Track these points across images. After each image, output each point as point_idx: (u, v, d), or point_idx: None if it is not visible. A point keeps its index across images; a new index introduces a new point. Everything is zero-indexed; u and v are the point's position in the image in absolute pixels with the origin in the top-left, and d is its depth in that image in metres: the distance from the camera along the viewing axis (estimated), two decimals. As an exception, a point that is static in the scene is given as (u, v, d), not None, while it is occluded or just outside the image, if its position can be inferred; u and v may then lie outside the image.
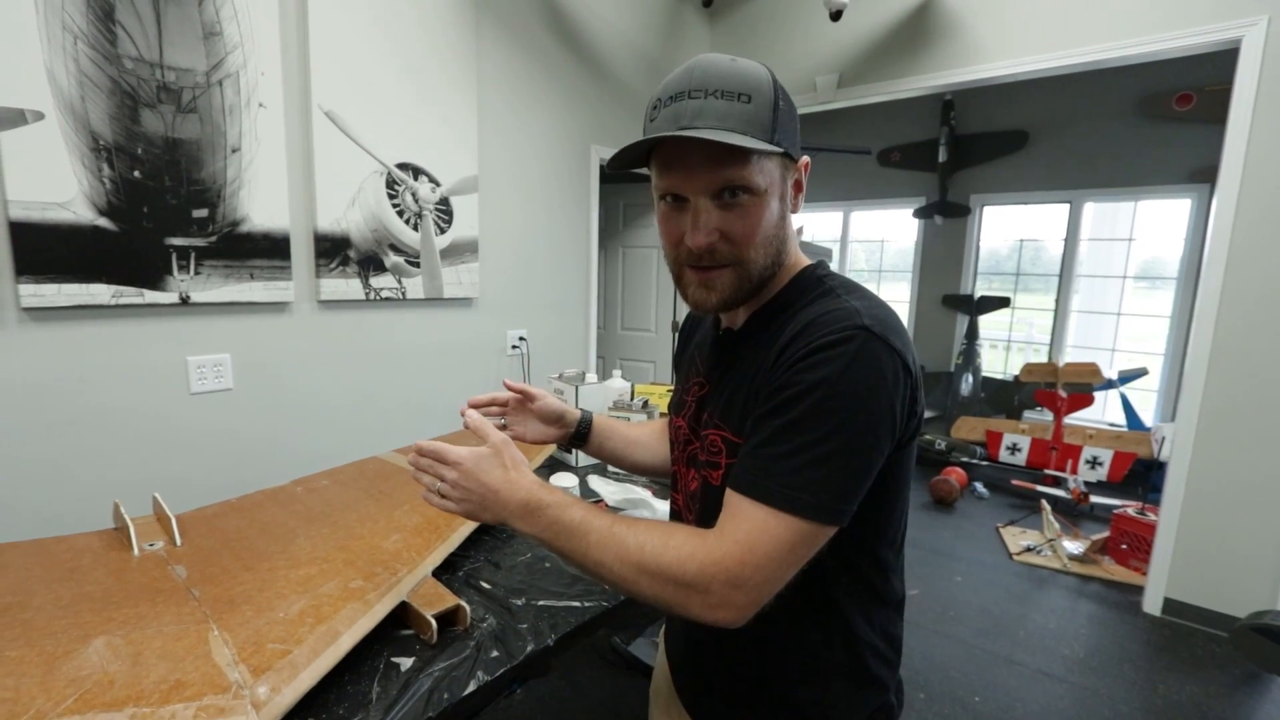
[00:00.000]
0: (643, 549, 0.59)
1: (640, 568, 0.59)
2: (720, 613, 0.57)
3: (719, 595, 0.57)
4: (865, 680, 0.71)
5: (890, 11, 2.98)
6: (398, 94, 2.15)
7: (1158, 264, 4.49)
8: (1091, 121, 4.34)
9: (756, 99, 0.60)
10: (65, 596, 0.83)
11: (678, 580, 0.57)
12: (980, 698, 2.03)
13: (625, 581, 0.60)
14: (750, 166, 0.60)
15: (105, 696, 0.66)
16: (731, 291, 0.65)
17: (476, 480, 0.67)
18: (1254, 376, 2.27)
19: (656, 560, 0.58)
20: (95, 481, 1.61)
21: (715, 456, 0.69)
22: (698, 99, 0.59)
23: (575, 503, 0.65)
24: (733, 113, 0.59)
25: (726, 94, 0.59)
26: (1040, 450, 3.89)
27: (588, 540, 0.62)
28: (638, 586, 0.60)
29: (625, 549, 0.60)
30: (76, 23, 1.49)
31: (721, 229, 0.62)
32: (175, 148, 1.67)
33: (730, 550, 0.57)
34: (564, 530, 0.63)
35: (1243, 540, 2.33)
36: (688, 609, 0.58)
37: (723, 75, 0.60)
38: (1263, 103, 2.20)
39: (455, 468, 0.68)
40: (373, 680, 0.83)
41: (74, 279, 1.54)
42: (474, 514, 0.69)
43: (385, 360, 2.27)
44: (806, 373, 0.57)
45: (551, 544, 0.64)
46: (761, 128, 0.59)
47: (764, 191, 0.62)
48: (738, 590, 0.56)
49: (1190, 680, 2.13)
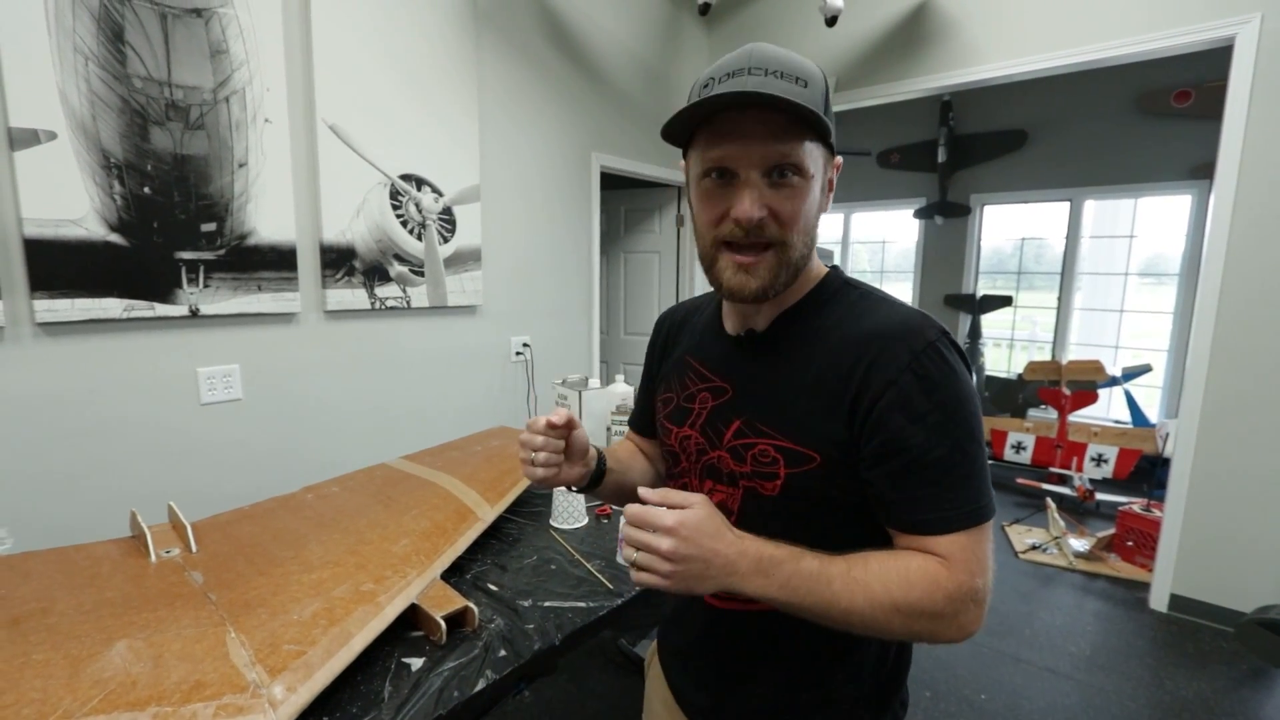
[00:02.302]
0: (889, 589, 0.57)
1: (893, 608, 0.57)
2: (970, 629, 0.59)
3: (969, 616, 0.58)
4: (894, 677, 0.73)
5: (885, 15, 3.01)
6: (400, 106, 2.18)
7: (1160, 260, 4.50)
8: (1090, 119, 4.36)
9: (812, 86, 0.60)
10: (87, 602, 0.86)
11: (931, 614, 0.57)
12: (987, 695, 2.04)
13: (876, 624, 0.58)
14: (804, 146, 0.61)
15: (129, 696, 0.69)
16: (772, 277, 0.64)
17: (699, 545, 0.56)
18: (1255, 371, 2.28)
19: (906, 598, 0.57)
20: (109, 492, 1.65)
21: (769, 467, 0.66)
22: (758, 75, 0.59)
23: (804, 552, 0.59)
24: (793, 93, 0.58)
25: (786, 75, 0.59)
26: (1045, 448, 3.89)
27: (832, 588, 0.57)
28: (890, 626, 0.58)
29: (871, 591, 0.57)
30: (87, 44, 1.53)
31: (771, 206, 0.61)
32: (184, 164, 1.70)
33: (964, 579, 0.57)
34: (804, 582, 0.57)
35: (1248, 535, 2.33)
36: (938, 636, 0.59)
37: (782, 60, 0.60)
38: (1257, 99, 2.21)
39: (672, 534, 0.55)
40: (384, 680, 0.86)
41: (87, 294, 1.57)
42: (690, 587, 0.57)
43: (391, 368, 2.30)
44: (936, 391, 0.59)
45: (790, 600, 0.58)
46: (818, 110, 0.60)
47: (812, 176, 0.62)
48: (980, 605, 0.59)
49: (1197, 676, 2.14)
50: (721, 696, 0.76)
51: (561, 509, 1.45)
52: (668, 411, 0.79)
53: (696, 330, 0.81)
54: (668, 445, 0.79)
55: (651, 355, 0.90)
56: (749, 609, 0.70)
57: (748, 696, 0.73)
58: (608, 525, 1.46)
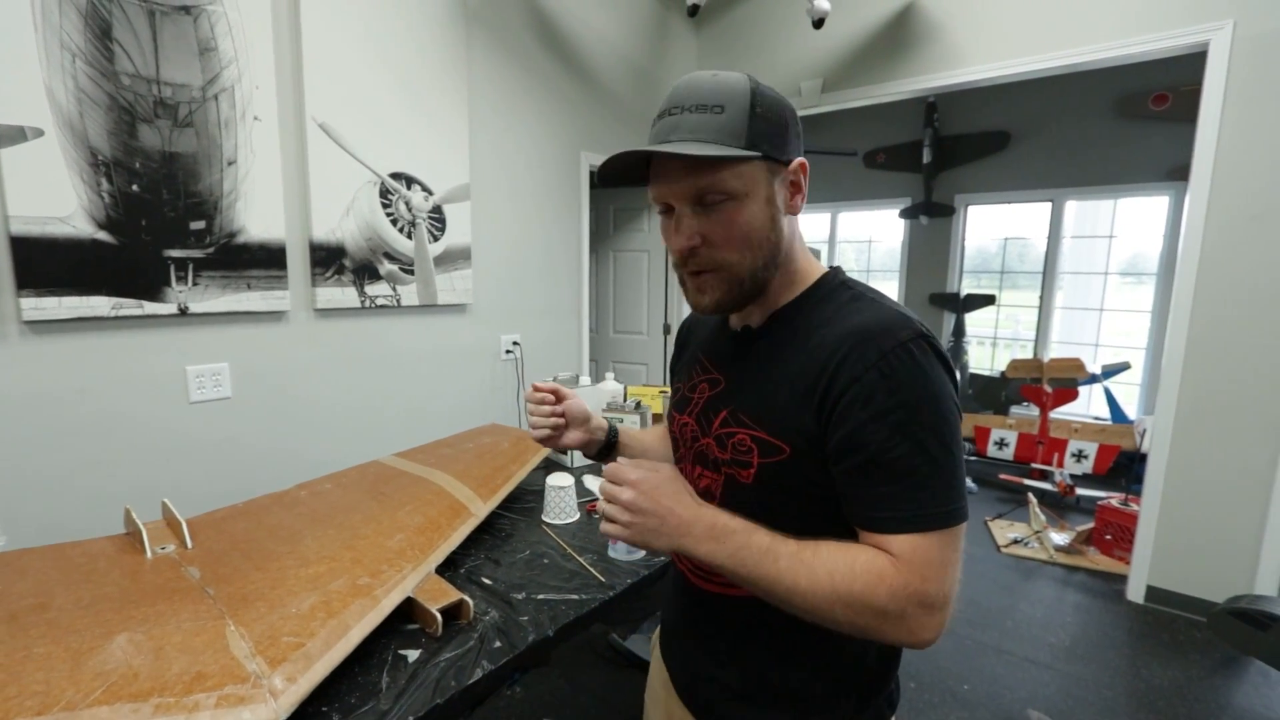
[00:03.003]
0: (832, 575, 0.58)
1: (835, 595, 0.58)
2: (921, 635, 0.58)
3: (915, 620, 0.57)
4: (878, 675, 0.74)
5: (871, 18, 3.05)
6: (390, 105, 2.19)
7: (1139, 260, 4.59)
8: (1071, 121, 4.44)
9: (730, 108, 0.62)
10: (85, 597, 0.87)
11: (874, 608, 0.57)
12: (969, 686, 2.09)
13: (818, 609, 0.59)
14: (723, 172, 0.62)
15: (131, 688, 0.70)
16: (723, 294, 0.67)
17: (656, 503, 0.62)
18: (1228, 369, 2.35)
19: (849, 588, 0.57)
20: (100, 490, 1.64)
21: (745, 456, 0.68)
22: (676, 114, 0.64)
23: (758, 528, 0.62)
24: (705, 124, 0.62)
25: (700, 107, 0.63)
26: (1027, 444, 3.96)
27: (778, 565, 0.59)
28: (832, 613, 0.58)
29: (815, 575, 0.58)
30: (75, 41, 1.52)
31: (702, 233, 0.65)
32: (172, 161, 1.70)
33: (911, 580, 0.57)
34: (753, 555, 0.60)
35: (1220, 529, 2.40)
36: (884, 634, 0.58)
37: (699, 90, 0.64)
38: (1230, 103, 2.27)
39: (634, 487, 0.63)
40: (382, 671, 0.87)
41: (74, 292, 1.57)
42: (646, 540, 0.63)
43: (381, 367, 2.31)
44: (901, 391, 0.59)
45: (738, 570, 0.60)
46: (734, 135, 0.62)
47: (743, 195, 0.63)
48: (931, 611, 0.58)
49: (1172, 665, 2.20)
50: (698, 677, 0.78)
51: (553, 504, 1.47)
52: (675, 400, 0.84)
53: (708, 327, 0.85)
54: (672, 432, 0.84)
55: (675, 352, 0.96)
56: (728, 592, 0.73)
57: (727, 679, 0.75)
58: (598, 520, 1.48)
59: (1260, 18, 2.20)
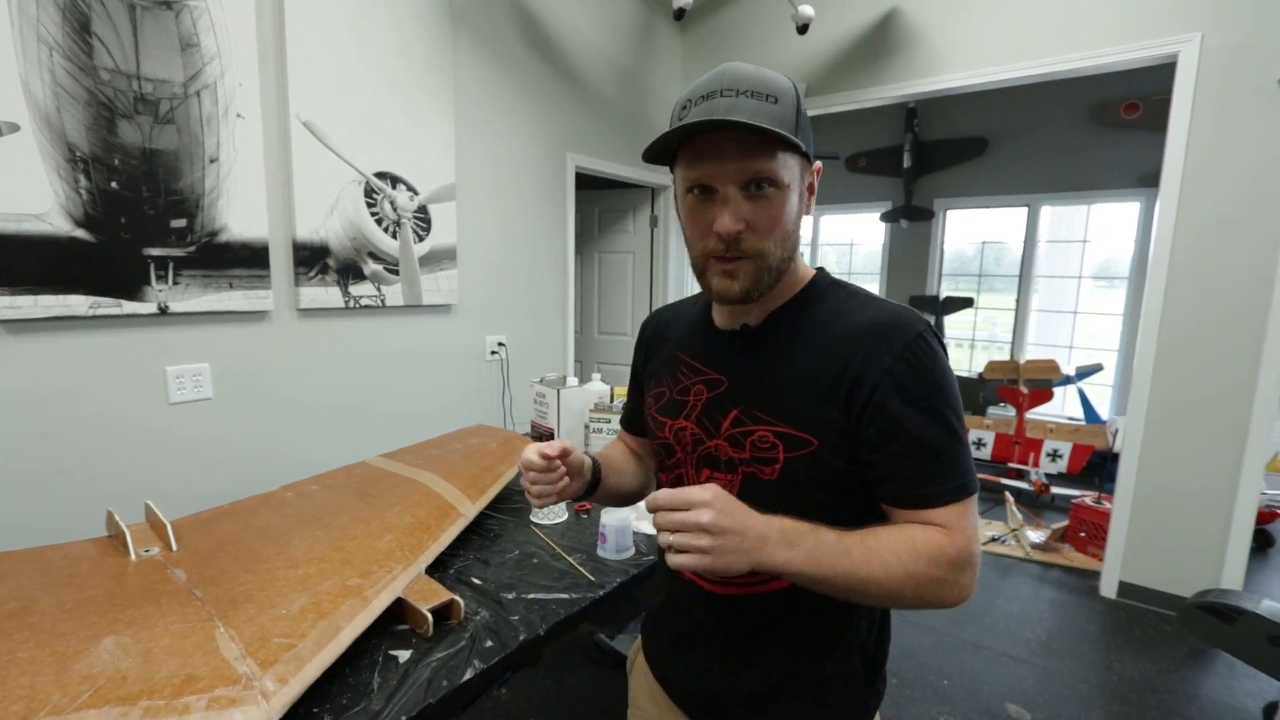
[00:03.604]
0: (899, 557, 0.61)
1: (904, 576, 0.60)
2: (965, 593, 0.64)
3: (966, 578, 0.63)
4: (879, 653, 0.77)
5: (855, 24, 3.10)
6: (375, 104, 2.17)
7: (1111, 264, 4.71)
8: (1047, 128, 4.54)
9: (783, 101, 0.64)
10: (68, 601, 0.85)
11: (938, 579, 0.61)
12: (949, 681, 2.13)
13: (889, 593, 0.61)
14: (776, 160, 0.64)
15: (119, 691, 0.69)
16: (753, 282, 0.68)
17: (734, 518, 0.57)
18: (1197, 373, 2.42)
19: (915, 566, 0.61)
20: (79, 492, 1.61)
21: (768, 452, 0.69)
22: (729, 97, 0.63)
23: (820, 526, 0.62)
24: (763, 110, 0.62)
25: (756, 94, 0.63)
26: (1004, 444, 4.04)
27: (850, 558, 0.60)
28: (902, 593, 0.61)
29: (885, 560, 0.60)
30: (52, 34, 1.49)
31: (748, 219, 0.65)
32: (153, 158, 1.67)
33: (964, 544, 0.62)
34: (827, 553, 0.60)
35: (1189, 525, 2.48)
36: (943, 599, 0.63)
37: (751, 78, 0.64)
38: (1198, 112, 2.35)
39: (708, 508, 0.56)
40: (373, 672, 0.87)
41: (51, 290, 1.54)
42: (729, 563, 0.56)
43: (366, 367, 2.29)
44: (928, 378, 0.65)
45: (814, 571, 0.59)
46: (788, 126, 0.63)
47: (787, 186, 0.65)
48: (974, 569, 0.64)
49: (1143, 658, 2.26)
50: (718, 683, 0.77)
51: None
52: (660, 405, 0.81)
53: (685, 328, 0.84)
54: (661, 438, 0.81)
55: (638, 355, 0.93)
56: (745, 592, 0.73)
57: (745, 681, 0.75)
58: (586, 520, 1.49)
59: (1226, 31, 2.27)
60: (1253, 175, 2.27)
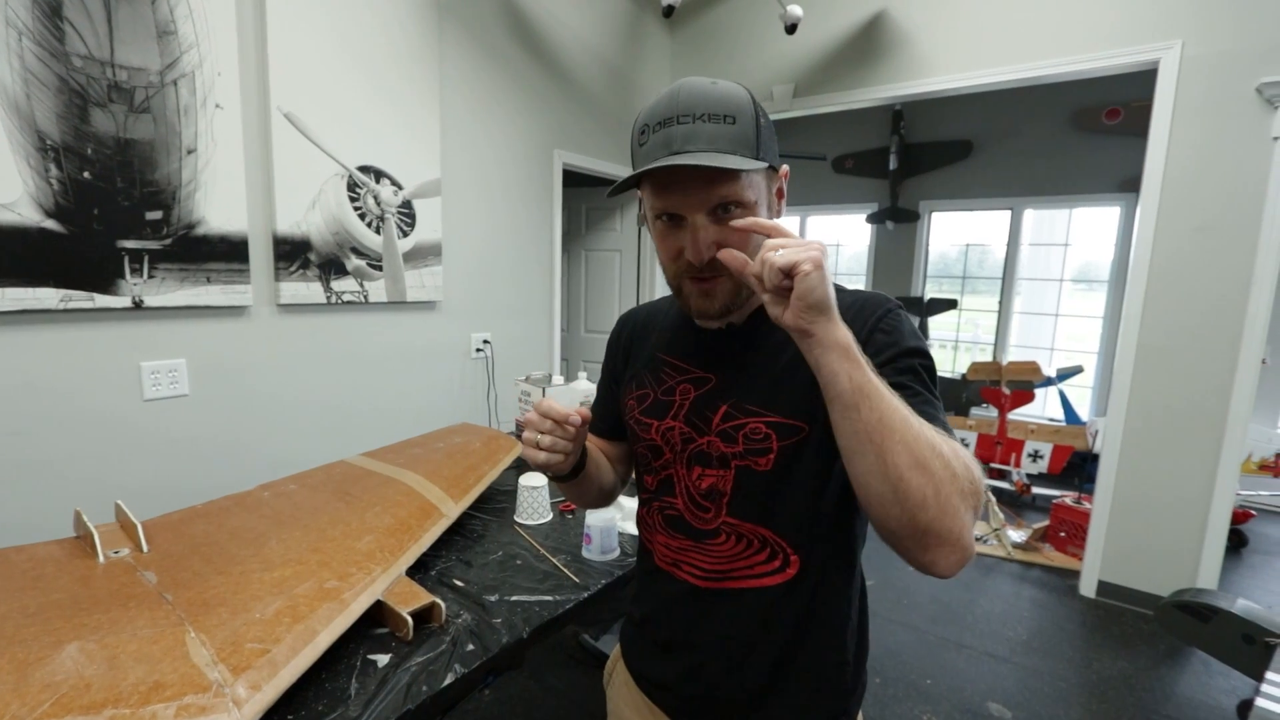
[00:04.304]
0: (933, 430, 0.55)
1: (936, 447, 0.54)
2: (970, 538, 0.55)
3: (969, 526, 0.55)
4: (862, 643, 0.78)
5: (843, 26, 3.10)
6: (359, 96, 2.13)
7: (1091, 267, 4.78)
8: (1030, 132, 4.59)
9: (741, 119, 0.63)
10: (31, 605, 0.82)
11: (965, 480, 0.54)
12: (931, 680, 2.14)
13: (927, 464, 0.53)
14: (740, 183, 0.64)
15: (83, 700, 0.66)
16: (731, 297, 0.69)
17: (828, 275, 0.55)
18: (1175, 375, 2.46)
19: (953, 452, 0.55)
20: (46, 491, 1.56)
21: (761, 443, 0.69)
22: (686, 123, 0.63)
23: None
24: (721, 134, 0.62)
25: (713, 116, 0.62)
26: (986, 445, 4.08)
27: (893, 399, 0.55)
28: (936, 473, 0.53)
29: (923, 423, 0.55)
30: (21, 18, 1.44)
31: (718, 241, 0.65)
32: (128, 148, 1.63)
33: (979, 478, 0.56)
34: (871, 369, 0.55)
35: (1167, 525, 2.52)
36: (954, 523, 0.54)
37: (708, 99, 0.63)
38: (1178, 118, 2.38)
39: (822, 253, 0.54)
40: (350, 677, 0.85)
41: (19, 282, 1.49)
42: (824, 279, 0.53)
43: (348, 364, 2.25)
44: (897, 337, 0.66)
45: (866, 371, 0.55)
46: (747, 145, 0.63)
47: (754, 204, 0.66)
48: (971, 527, 0.55)
49: (1121, 656, 2.29)
50: (717, 682, 0.76)
51: (526, 505, 1.45)
52: (644, 408, 0.80)
53: (665, 329, 0.83)
54: (647, 439, 0.79)
55: (613, 358, 0.91)
56: (747, 585, 0.72)
57: (744, 676, 0.74)
58: (571, 520, 1.47)
59: (1205, 40, 2.31)
60: (1232, 181, 2.31)
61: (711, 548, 0.74)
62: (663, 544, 0.79)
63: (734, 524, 0.72)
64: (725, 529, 0.72)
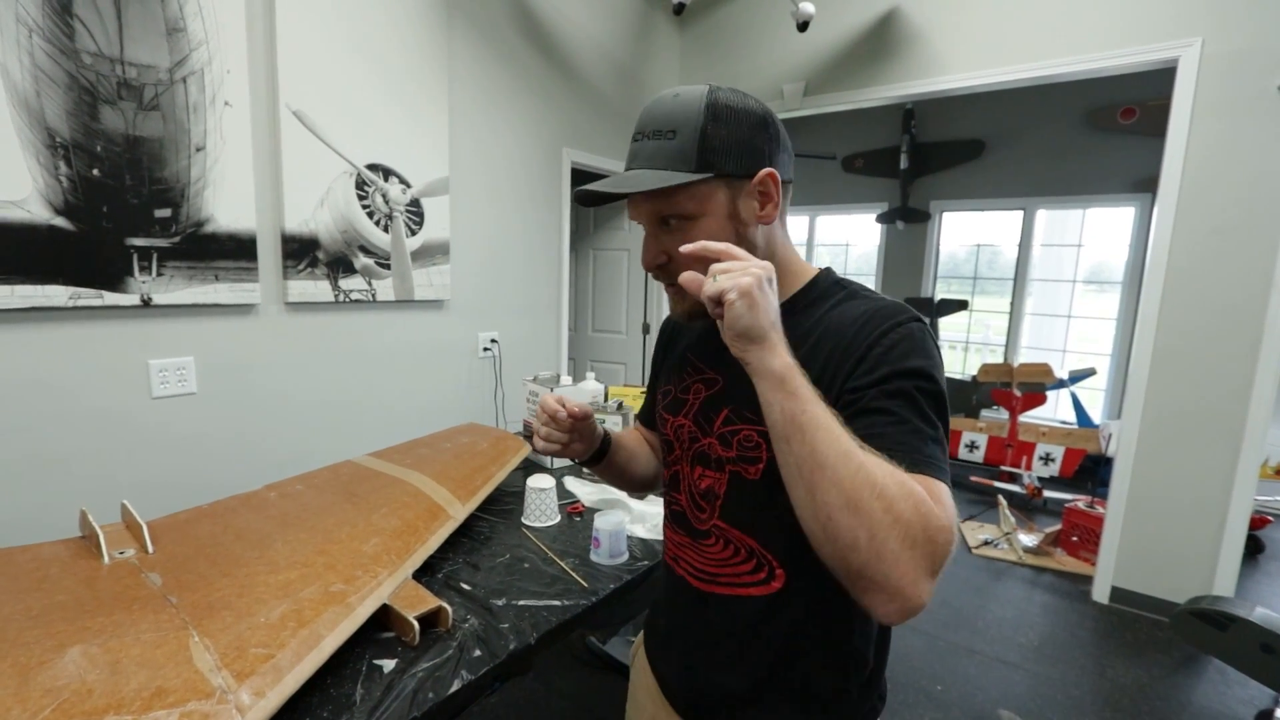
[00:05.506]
0: (880, 466, 0.52)
1: (880, 483, 0.51)
2: (918, 590, 0.51)
3: (922, 567, 0.50)
4: (875, 671, 0.75)
5: (855, 23, 3.07)
6: (367, 94, 2.12)
7: (1104, 268, 4.72)
8: (1044, 132, 4.54)
9: (681, 132, 0.64)
10: (35, 607, 0.81)
11: (906, 524, 0.50)
12: (942, 686, 2.11)
13: (857, 493, 0.51)
14: (677, 197, 0.65)
15: (84, 705, 0.65)
16: (694, 304, 0.66)
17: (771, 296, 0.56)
18: (1192, 378, 2.42)
19: (896, 489, 0.51)
20: (54, 490, 1.56)
21: (752, 451, 0.68)
22: (638, 141, 0.67)
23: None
24: (660, 151, 0.65)
25: (656, 133, 0.65)
26: (997, 447, 4.04)
27: (837, 428, 0.53)
28: (870, 512, 0.50)
29: (868, 456, 0.53)
30: (31, 15, 1.44)
31: (667, 250, 0.68)
32: (137, 146, 1.62)
33: (942, 514, 0.52)
34: (819, 402, 0.54)
35: (1182, 531, 2.47)
36: (893, 569, 0.50)
37: (655, 116, 0.66)
38: (1198, 117, 2.34)
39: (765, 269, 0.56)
40: (356, 682, 0.84)
41: (29, 280, 1.49)
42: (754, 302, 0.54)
43: (355, 363, 2.24)
44: (905, 362, 0.60)
45: (799, 409, 0.53)
46: (684, 160, 0.64)
47: (700, 215, 0.66)
48: (940, 567, 0.52)
49: (1135, 664, 2.25)
50: (703, 681, 0.77)
51: (534, 507, 1.44)
52: (666, 402, 0.83)
53: (694, 330, 0.84)
54: (664, 434, 0.83)
55: (657, 353, 0.95)
56: (735, 593, 0.72)
57: (728, 681, 0.74)
58: (580, 523, 1.46)
59: (1227, 37, 2.27)
60: (1251, 181, 2.27)
61: (704, 548, 0.75)
62: (670, 537, 0.83)
63: (724, 528, 0.72)
64: (716, 532, 0.73)
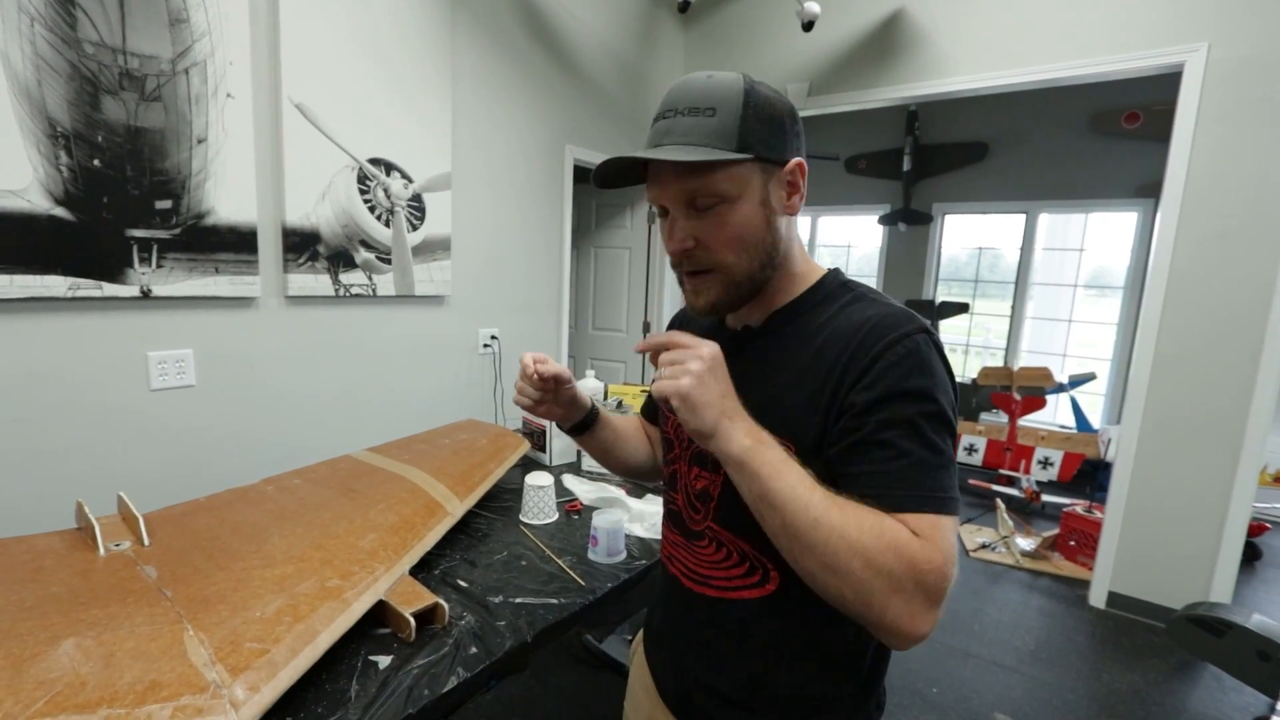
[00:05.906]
0: (860, 524, 0.53)
1: (859, 543, 0.52)
2: (917, 625, 0.53)
3: (920, 603, 0.53)
4: (871, 677, 0.73)
5: (859, 24, 3.06)
6: (370, 88, 2.12)
7: (1105, 273, 4.71)
8: (1047, 135, 4.53)
9: (722, 110, 0.62)
10: (29, 599, 0.81)
11: (891, 575, 0.52)
12: (938, 689, 2.11)
13: (835, 555, 0.53)
14: (715, 175, 0.62)
15: (77, 698, 0.65)
16: (718, 295, 0.67)
17: (721, 378, 0.59)
18: (1192, 384, 2.41)
19: (876, 541, 0.53)
20: (51, 481, 1.56)
21: None
22: (670, 118, 0.63)
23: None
24: (697, 128, 0.62)
25: (693, 110, 0.62)
26: (995, 451, 4.04)
27: (812, 494, 0.55)
28: (849, 566, 0.52)
29: (845, 515, 0.54)
30: (34, 4, 1.43)
31: (697, 235, 0.65)
32: (138, 137, 1.62)
33: (933, 555, 0.53)
34: (789, 471, 0.56)
35: (1180, 537, 2.47)
36: (885, 612, 0.53)
37: (692, 92, 0.63)
38: (1203, 123, 2.33)
39: (704, 360, 0.58)
40: (351, 678, 0.83)
41: (28, 270, 1.48)
42: (705, 400, 0.57)
43: (355, 358, 2.24)
44: (902, 375, 0.58)
45: (769, 482, 0.55)
46: (725, 138, 0.62)
47: (735, 197, 0.63)
48: (934, 603, 0.54)
49: (1132, 669, 2.25)
50: (692, 683, 0.76)
51: (532, 504, 1.43)
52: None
53: (703, 326, 0.82)
54: (664, 432, 0.83)
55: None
56: (725, 596, 0.72)
57: (716, 684, 0.74)
58: (578, 521, 1.46)
59: (1234, 43, 2.26)
60: (1254, 187, 2.26)
61: (696, 549, 0.75)
62: (666, 536, 0.83)
63: (717, 530, 0.72)
64: (710, 534, 0.73)
